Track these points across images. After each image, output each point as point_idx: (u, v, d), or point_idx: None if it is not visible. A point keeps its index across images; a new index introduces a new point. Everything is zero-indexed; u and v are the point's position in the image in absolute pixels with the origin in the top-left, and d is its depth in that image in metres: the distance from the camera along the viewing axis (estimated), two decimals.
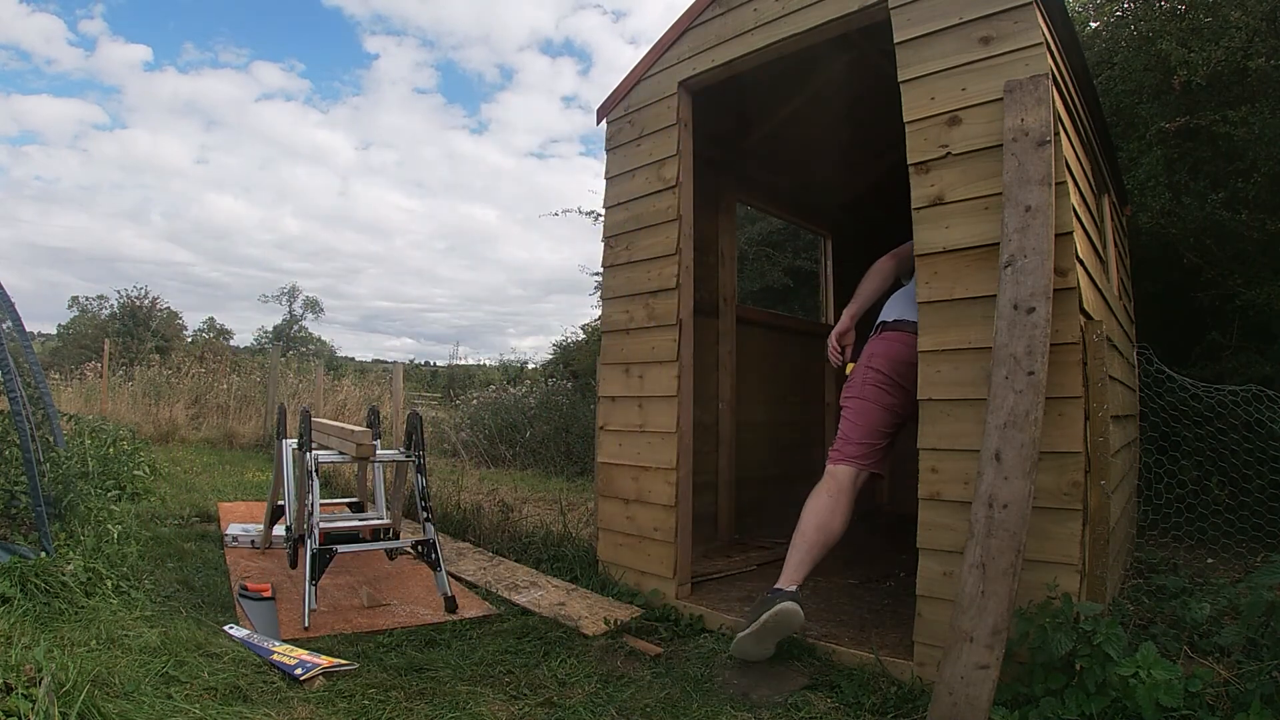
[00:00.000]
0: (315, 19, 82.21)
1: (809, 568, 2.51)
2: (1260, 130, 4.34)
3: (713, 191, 4.31)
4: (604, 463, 3.50)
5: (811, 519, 2.54)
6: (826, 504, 2.55)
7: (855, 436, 2.64)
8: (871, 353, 2.71)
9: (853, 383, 2.74)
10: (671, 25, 3.34)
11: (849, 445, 2.64)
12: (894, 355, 2.63)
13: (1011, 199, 2.11)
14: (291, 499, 3.44)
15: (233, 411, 10.30)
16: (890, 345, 2.66)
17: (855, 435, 2.64)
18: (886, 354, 2.65)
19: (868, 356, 2.72)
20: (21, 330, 3.60)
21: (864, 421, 2.64)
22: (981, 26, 2.28)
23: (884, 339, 2.69)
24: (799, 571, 2.49)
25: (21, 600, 2.39)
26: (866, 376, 2.68)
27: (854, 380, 2.74)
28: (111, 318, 30.26)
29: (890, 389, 2.64)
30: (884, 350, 2.67)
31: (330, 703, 2.04)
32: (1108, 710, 1.81)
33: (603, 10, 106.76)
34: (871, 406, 2.64)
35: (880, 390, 2.65)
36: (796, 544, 2.52)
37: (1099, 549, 2.12)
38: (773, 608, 2.34)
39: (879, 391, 2.65)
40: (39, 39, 69.30)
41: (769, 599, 2.40)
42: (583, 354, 11.23)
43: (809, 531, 2.52)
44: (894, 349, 2.64)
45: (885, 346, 2.67)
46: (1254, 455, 3.18)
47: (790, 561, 2.51)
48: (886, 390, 2.64)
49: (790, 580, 2.47)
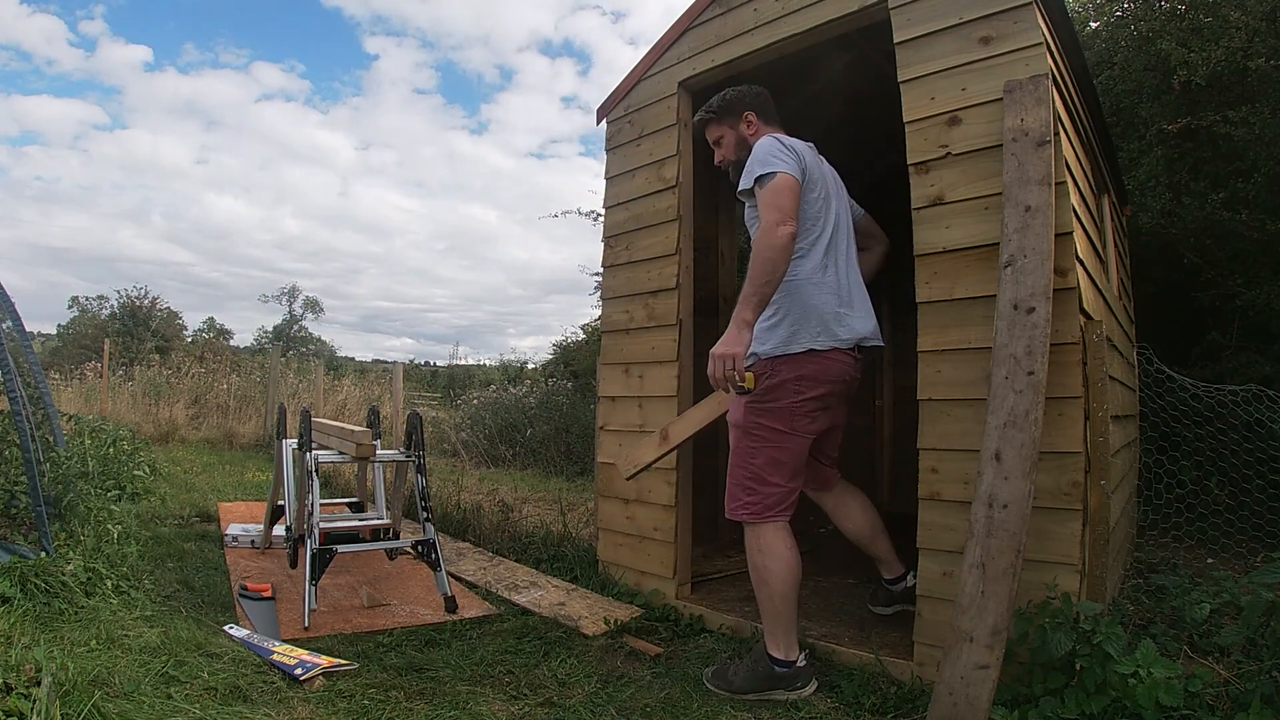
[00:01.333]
0: (315, 20, 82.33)
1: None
2: (1260, 130, 4.34)
3: (713, 191, 4.31)
4: (604, 463, 3.50)
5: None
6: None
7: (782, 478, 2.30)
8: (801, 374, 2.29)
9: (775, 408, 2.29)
10: (671, 25, 3.34)
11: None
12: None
13: (1011, 199, 2.11)
14: (291, 499, 3.44)
15: (233, 411, 10.30)
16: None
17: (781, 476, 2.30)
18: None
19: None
20: (21, 330, 3.60)
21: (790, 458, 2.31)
22: (981, 26, 2.28)
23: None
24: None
25: (21, 600, 2.39)
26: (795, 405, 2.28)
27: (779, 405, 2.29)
28: (111, 318, 30.26)
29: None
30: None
31: (330, 703, 2.04)
32: (1108, 710, 1.81)
33: (602, 11, 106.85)
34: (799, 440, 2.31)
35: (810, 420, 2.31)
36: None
37: (1099, 549, 2.12)
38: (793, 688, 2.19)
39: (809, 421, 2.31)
40: (39, 39, 69.39)
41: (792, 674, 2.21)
42: (583, 354, 11.23)
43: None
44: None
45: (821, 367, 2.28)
46: (1254, 455, 3.19)
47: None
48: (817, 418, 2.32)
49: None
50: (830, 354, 2.29)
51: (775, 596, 2.23)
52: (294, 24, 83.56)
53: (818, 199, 2.36)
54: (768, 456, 2.29)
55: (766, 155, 2.25)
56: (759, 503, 2.27)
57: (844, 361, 2.33)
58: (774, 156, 2.24)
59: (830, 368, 2.30)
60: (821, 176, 2.42)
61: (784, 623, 2.23)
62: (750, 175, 2.27)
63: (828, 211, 2.39)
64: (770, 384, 2.28)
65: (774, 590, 2.23)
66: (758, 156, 2.28)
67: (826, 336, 2.28)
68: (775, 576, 2.23)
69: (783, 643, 2.23)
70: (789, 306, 2.29)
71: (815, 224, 2.34)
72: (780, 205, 2.15)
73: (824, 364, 2.28)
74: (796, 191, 2.22)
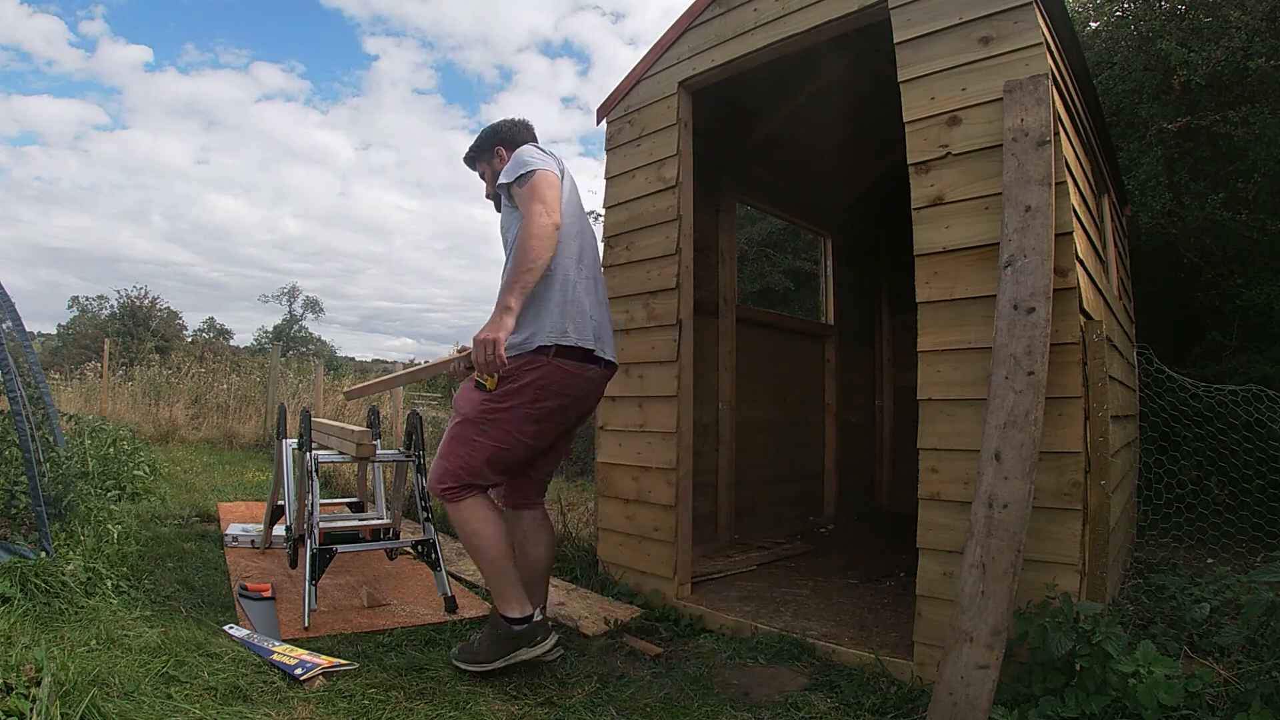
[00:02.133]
0: (315, 20, 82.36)
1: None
2: (1260, 130, 4.34)
3: (713, 191, 4.31)
4: (604, 463, 3.50)
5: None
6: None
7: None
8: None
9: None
10: (671, 25, 3.34)
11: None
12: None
13: (1011, 199, 2.11)
14: (291, 499, 3.44)
15: (233, 411, 10.30)
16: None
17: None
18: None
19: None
20: (21, 330, 3.60)
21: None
22: (981, 26, 2.28)
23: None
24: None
25: (21, 600, 2.39)
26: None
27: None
28: (111, 318, 30.30)
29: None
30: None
31: (330, 703, 2.03)
32: (1108, 709, 1.81)
33: (601, 12, 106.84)
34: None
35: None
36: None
37: (1099, 549, 2.12)
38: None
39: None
40: (40, 40, 69.44)
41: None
42: None
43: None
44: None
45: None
46: (1254, 455, 3.19)
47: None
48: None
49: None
50: (573, 362, 2.26)
51: (493, 560, 2.26)
52: (294, 24, 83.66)
53: (572, 208, 2.37)
54: (489, 453, 2.28)
55: (525, 156, 2.29)
56: (461, 485, 2.28)
57: (589, 375, 2.32)
58: (532, 157, 2.27)
59: (572, 381, 2.28)
60: (574, 193, 2.45)
61: (508, 581, 2.26)
62: (510, 173, 2.29)
63: (581, 223, 2.42)
64: (510, 387, 2.24)
65: (489, 555, 2.26)
66: (517, 159, 2.30)
67: (576, 334, 2.26)
68: (487, 541, 2.26)
69: (514, 601, 2.25)
70: (542, 302, 2.24)
71: (571, 228, 2.32)
72: (543, 198, 2.16)
73: (567, 374, 2.26)
74: (557, 186, 2.24)
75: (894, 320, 5.99)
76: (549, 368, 2.23)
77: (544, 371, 2.23)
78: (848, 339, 5.50)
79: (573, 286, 2.29)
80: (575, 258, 2.32)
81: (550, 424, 2.34)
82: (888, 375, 5.96)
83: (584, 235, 2.41)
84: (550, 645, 2.26)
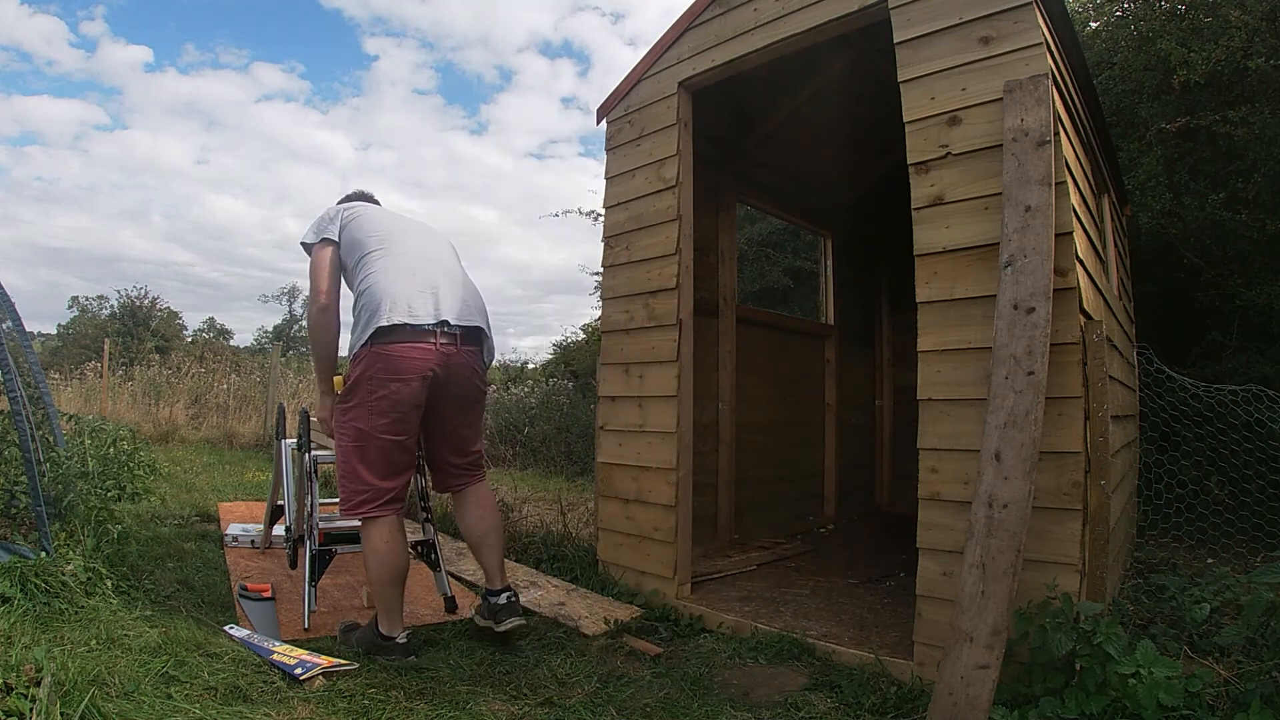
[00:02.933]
0: (315, 20, 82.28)
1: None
2: (1260, 130, 4.34)
3: (713, 191, 4.31)
4: (604, 463, 3.50)
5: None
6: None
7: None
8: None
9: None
10: (671, 25, 3.34)
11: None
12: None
13: (1011, 199, 2.11)
14: (291, 499, 3.44)
15: (232, 411, 10.30)
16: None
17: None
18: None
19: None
20: (21, 330, 3.59)
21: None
22: (981, 26, 2.28)
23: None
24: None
25: (21, 600, 2.39)
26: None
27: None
28: (111, 318, 30.29)
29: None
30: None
31: (330, 702, 2.03)
32: (1108, 710, 1.81)
33: (601, 12, 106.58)
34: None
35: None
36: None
37: (1099, 549, 2.12)
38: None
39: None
40: (40, 40, 69.36)
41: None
42: (583, 354, 11.24)
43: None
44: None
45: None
46: (1254, 455, 3.19)
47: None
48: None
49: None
50: (400, 344, 2.30)
51: (377, 584, 2.40)
52: (294, 25, 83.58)
53: (373, 224, 2.54)
54: (354, 454, 2.37)
55: (312, 223, 2.57)
56: (355, 500, 2.38)
57: (423, 349, 2.33)
58: (313, 226, 2.55)
59: (402, 362, 2.31)
60: (364, 219, 2.57)
61: (385, 605, 2.39)
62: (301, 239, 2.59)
63: (391, 225, 2.58)
64: (348, 387, 2.36)
65: (374, 579, 2.40)
66: (313, 222, 2.60)
67: (389, 315, 2.30)
68: (374, 567, 2.38)
69: (385, 622, 2.40)
70: (361, 308, 2.37)
71: (370, 242, 2.47)
72: (313, 280, 2.46)
73: (391, 356, 2.30)
74: (332, 262, 2.49)
75: (894, 320, 5.99)
76: (369, 357, 2.31)
77: (366, 363, 2.31)
78: (848, 339, 5.50)
79: (383, 276, 2.37)
80: (387, 256, 2.43)
81: (402, 409, 2.35)
82: (888, 375, 5.96)
83: (389, 237, 2.50)
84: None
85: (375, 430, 2.33)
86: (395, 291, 2.33)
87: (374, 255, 2.42)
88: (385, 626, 2.41)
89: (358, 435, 2.35)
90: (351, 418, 2.36)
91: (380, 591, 2.39)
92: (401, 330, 2.30)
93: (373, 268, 2.39)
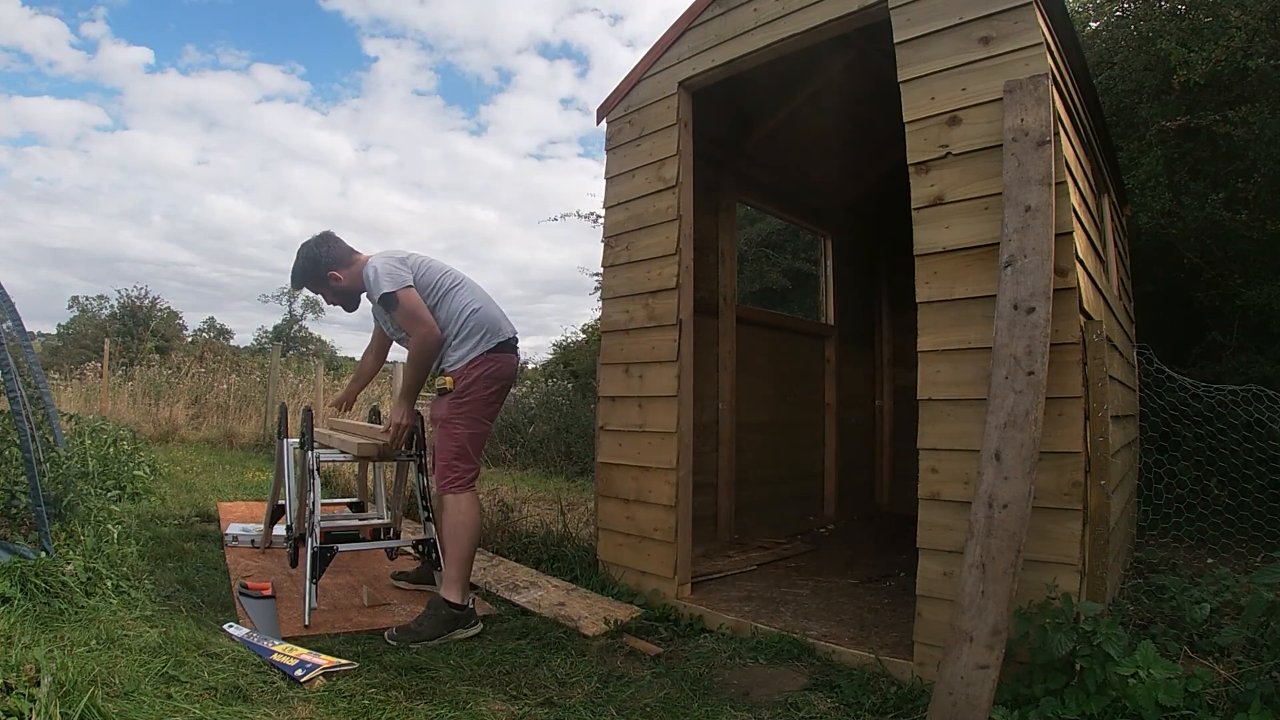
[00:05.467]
0: (315, 22, 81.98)
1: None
2: (1260, 130, 4.34)
3: (713, 191, 4.31)
4: (604, 463, 3.50)
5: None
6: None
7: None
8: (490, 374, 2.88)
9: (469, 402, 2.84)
10: (671, 25, 3.34)
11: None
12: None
13: (1011, 199, 2.11)
14: (292, 498, 3.43)
15: (233, 411, 10.31)
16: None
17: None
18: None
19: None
20: (21, 330, 3.59)
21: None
22: (981, 26, 2.28)
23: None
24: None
25: (21, 600, 2.39)
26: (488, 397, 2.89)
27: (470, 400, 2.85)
28: (111, 318, 30.29)
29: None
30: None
31: (330, 702, 2.03)
32: (1108, 710, 1.81)
33: (600, 14, 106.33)
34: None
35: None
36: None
37: (1099, 549, 2.12)
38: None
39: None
40: (41, 41, 69.16)
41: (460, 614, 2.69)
42: (583, 354, 11.24)
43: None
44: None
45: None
46: (1254, 455, 3.19)
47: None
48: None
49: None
50: (506, 354, 2.92)
51: (466, 549, 2.75)
52: (294, 26, 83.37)
53: (439, 270, 2.95)
54: (467, 438, 2.84)
55: (382, 278, 2.79)
56: (466, 477, 2.83)
57: (514, 358, 2.99)
58: (388, 276, 2.79)
59: (506, 368, 2.93)
60: (424, 261, 2.99)
61: (467, 571, 2.76)
62: (374, 293, 2.82)
63: (446, 269, 2.99)
64: (465, 383, 2.83)
65: (465, 545, 2.74)
66: (372, 281, 2.80)
67: (503, 331, 2.92)
68: (466, 535, 2.75)
69: (461, 590, 2.71)
70: (470, 330, 2.86)
71: (446, 280, 2.93)
72: (415, 315, 2.77)
73: (502, 363, 2.90)
74: (416, 294, 2.82)
75: (894, 320, 5.99)
76: (485, 363, 2.85)
77: (483, 368, 2.85)
78: (848, 339, 5.50)
79: (480, 304, 2.91)
80: (466, 289, 2.93)
81: (499, 404, 2.99)
82: (888, 375, 5.96)
83: (453, 274, 2.98)
84: (479, 629, 2.73)
85: (484, 418, 2.90)
86: (495, 314, 2.93)
87: (456, 290, 2.92)
88: (459, 596, 2.69)
89: (472, 423, 2.84)
90: (467, 410, 2.83)
91: (465, 556, 2.73)
92: (508, 343, 2.93)
93: (465, 298, 2.90)
